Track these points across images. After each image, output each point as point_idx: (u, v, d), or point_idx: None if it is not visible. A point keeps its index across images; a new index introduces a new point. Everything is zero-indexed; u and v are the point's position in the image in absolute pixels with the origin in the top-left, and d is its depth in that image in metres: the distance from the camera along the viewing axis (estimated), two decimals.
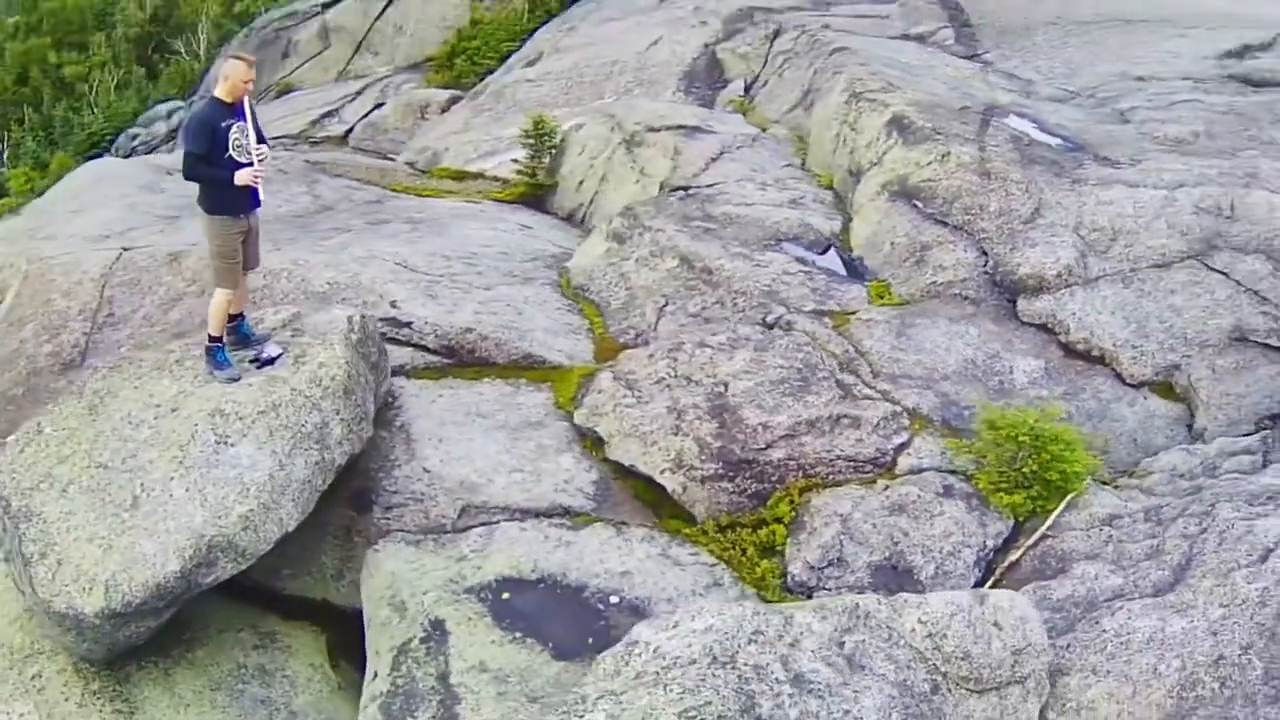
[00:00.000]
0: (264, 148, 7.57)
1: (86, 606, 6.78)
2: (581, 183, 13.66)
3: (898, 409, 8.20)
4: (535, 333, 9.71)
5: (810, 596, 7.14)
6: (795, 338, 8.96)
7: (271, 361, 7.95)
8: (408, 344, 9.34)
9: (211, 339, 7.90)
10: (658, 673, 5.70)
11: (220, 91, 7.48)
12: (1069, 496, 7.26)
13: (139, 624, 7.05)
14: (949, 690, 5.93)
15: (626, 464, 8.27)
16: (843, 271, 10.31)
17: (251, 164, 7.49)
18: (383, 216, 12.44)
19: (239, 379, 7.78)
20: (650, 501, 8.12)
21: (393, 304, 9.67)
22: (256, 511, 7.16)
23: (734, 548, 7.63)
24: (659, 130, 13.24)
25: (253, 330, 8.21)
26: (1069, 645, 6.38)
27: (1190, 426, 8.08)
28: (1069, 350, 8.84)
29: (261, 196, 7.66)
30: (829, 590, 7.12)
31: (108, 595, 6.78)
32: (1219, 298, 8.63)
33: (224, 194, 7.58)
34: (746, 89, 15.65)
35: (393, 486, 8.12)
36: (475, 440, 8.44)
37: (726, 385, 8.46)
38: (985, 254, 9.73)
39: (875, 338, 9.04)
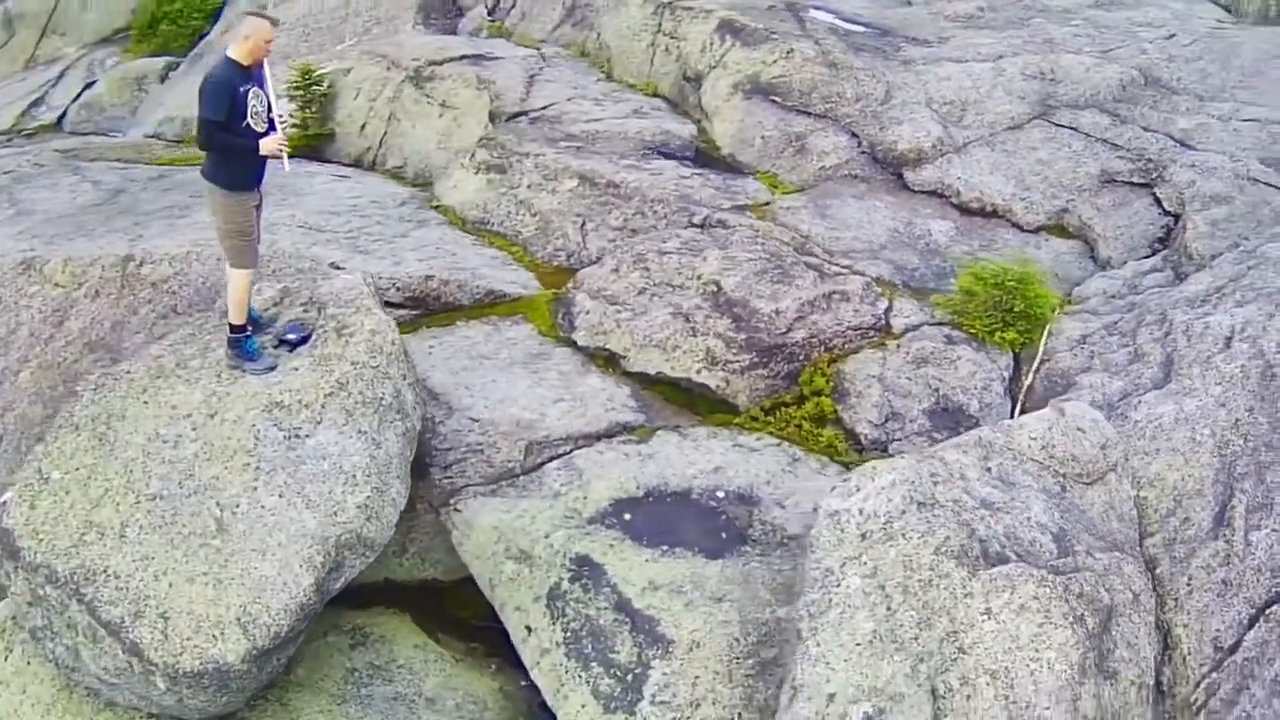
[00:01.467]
0: (282, 114, 7.15)
1: (229, 653, 6.29)
2: (364, 126, 13.35)
3: (867, 279, 9.28)
4: (481, 269, 9.76)
5: (886, 450, 8.12)
6: (742, 232, 9.73)
7: (304, 342, 7.59)
8: None
9: (235, 329, 7.36)
10: (884, 528, 6.47)
11: (238, 52, 6.91)
12: (1048, 327, 8.75)
13: (280, 654, 6.68)
14: (1071, 486, 7.20)
15: (653, 373, 8.74)
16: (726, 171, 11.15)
17: (268, 133, 7.06)
18: (198, 190, 11.57)
19: (275, 367, 7.38)
20: (684, 404, 8.65)
21: (333, 265, 9.30)
22: (372, 497, 6.94)
23: (789, 425, 8.39)
24: (443, 63, 13.20)
25: (261, 313, 7.76)
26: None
27: (1094, 258, 9.84)
28: (965, 209, 10.32)
29: (286, 167, 7.25)
30: (899, 441, 8.13)
31: (248, 633, 6.34)
32: (1076, 149, 10.47)
33: (243, 165, 7.08)
34: (490, 12, 15.78)
35: (444, 444, 8.05)
36: (500, 381, 8.52)
37: (718, 283, 9.08)
38: (856, 136, 10.96)
39: (806, 222, 10.01)
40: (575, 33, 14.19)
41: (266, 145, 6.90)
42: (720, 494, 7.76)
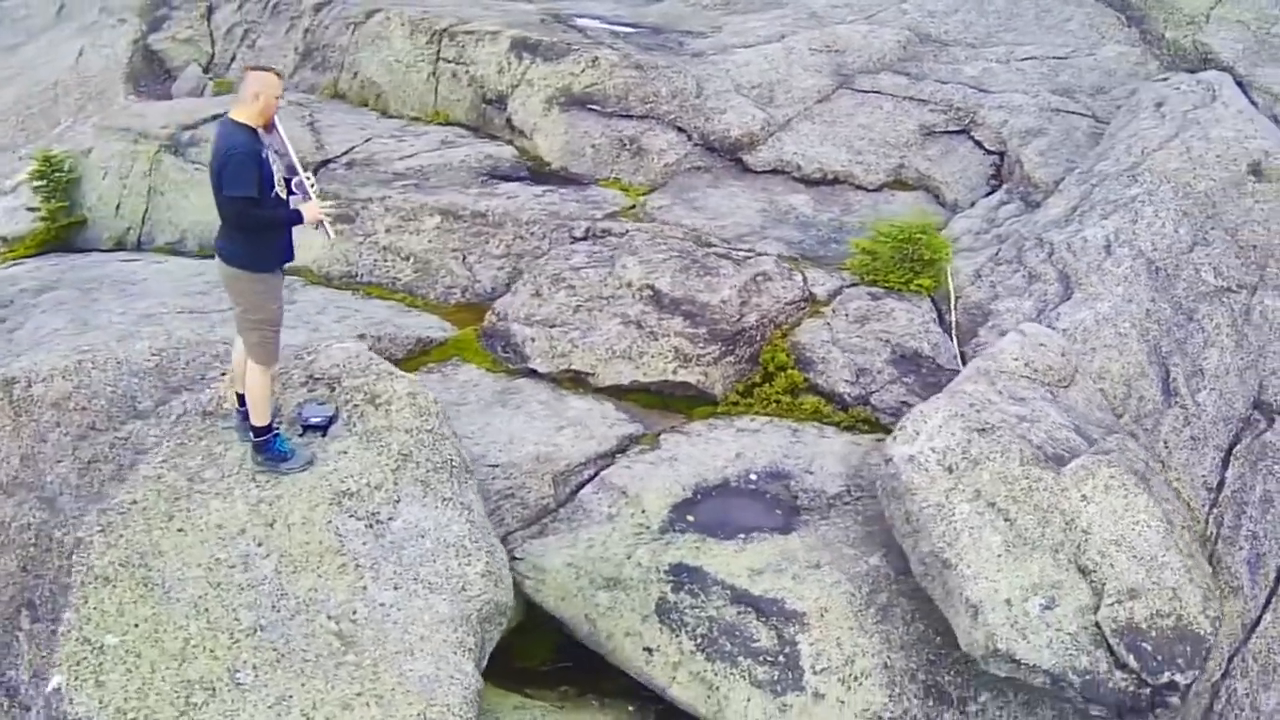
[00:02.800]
0: (310, 175, 6.77)
1: None
2: (119, 206, 12.42)
3: (774, 257, 10.04)
4: (394, 320, 9.54)
5: (869, 403, 8.91)
6: (638, 236, 10.14)
7: (332, 422, 7.21)
8: None
9: (260, 431, 6.84)
10: (964, 457, 7.22)
11: (248, 114, 6.43)
12: (948, 269, 9.91)
13: None
14: (1056, 391, 8.36)
15: (626, 383, 9.00)
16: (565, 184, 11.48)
17: (300, 198, 6.69)
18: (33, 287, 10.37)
19: (314, 460, 6.99)
20: (662, 406, 8.99)
21: None
22: (489, 562, 6.82)
23: (769, 403, 8.94)
24: (198, 126, 12.54)
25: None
26: None
27: (942, 203, 11.16)
28: (810, 181, 11.31)
29: (331, 234, 6.87)
30: (878, 392, 8.94)
31: None
32: (888, 110, 11.77)
33: (275, 243, 6.63)
34: (206, 70, 14.96)
35: None
36: (494, 423, 8.44)
37: (653, 287, 9.46)
38: (684, 130, 11.66)
39: (683, 217, 10.57)
40: (318, 75, 13.82)
41: (311, 212, 6.50)
42: (753, 476, 8.21)
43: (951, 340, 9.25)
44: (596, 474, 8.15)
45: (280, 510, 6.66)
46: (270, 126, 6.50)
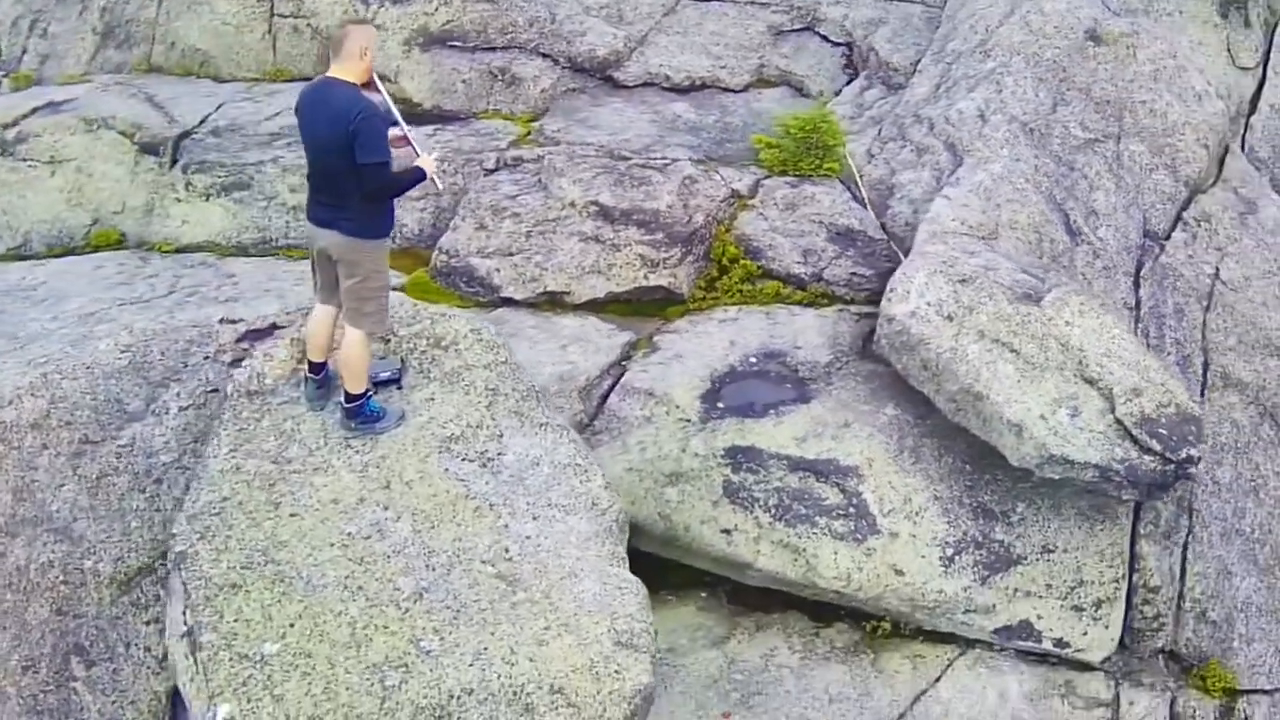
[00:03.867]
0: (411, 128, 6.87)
1: (641, 677, 6.01)
2: None
3: (689, 160, 10.57)
4: None
5: (822, 279, 9.67)
6: (555, 159, 10.39)
7: (401, 373, 7.21)
8: None
9: (356, 396, 6.74)
10: (958, 305, 8.16)
11: (356, 72, 6.29)
12: (845, 152, 10.78)
13: None
14: (989, 243, 9.40)
15: (602, 295, 9.38)
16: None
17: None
18: None
19: (405, 415, 6.96)
20: (635, 312, 9.46)
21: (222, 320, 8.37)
22: (602, 478, 7.05)
23: (732, 292, 9.55)
24: (16, 123, 11.48)
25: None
26: None
27: (808, 95, 11.95)
28: (681, 89, 11.86)
29: (440, 187, 7.52)
30: (829, 266, 9.68)
31: (638, 648, 6.09)
32: (734, 15, 12.38)
33: (391, 206, 6.60)
34: None
35: None
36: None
37: (598, 202, 9.79)
38: (549, 56, 11.92)
39: (587, 136, 10.91)
40: (124, 54, 12.99)
41: (428, 165, 6.47)
42: (753, 360, 8.84)
43: (870, 213, 10.14)
44: (615, 383, 8.49)
45: (392, 470, 6.62)
46: (371, 83, 6.38)
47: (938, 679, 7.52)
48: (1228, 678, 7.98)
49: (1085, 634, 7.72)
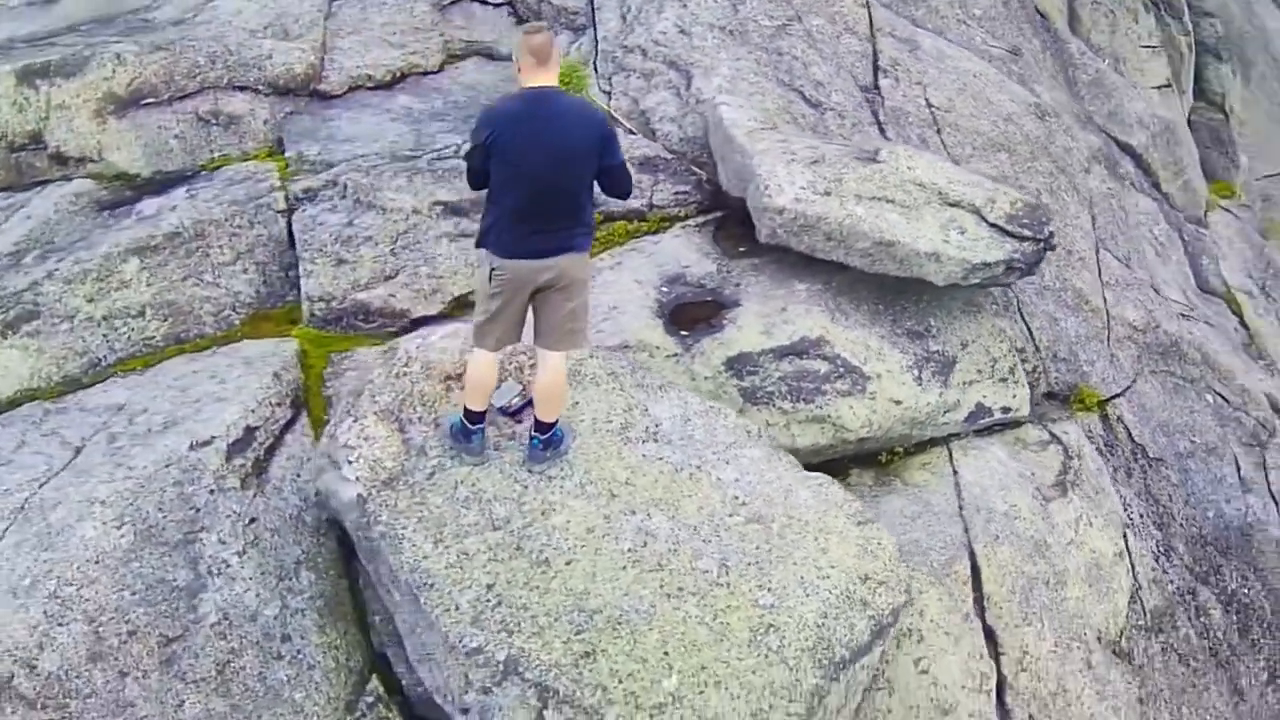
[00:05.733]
0: None
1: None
2: None
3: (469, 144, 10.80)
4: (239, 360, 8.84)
5: (654, 207, 10.55)
6: (353, 175, 10.20)
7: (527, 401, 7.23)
8: None
9: (553, 425, 6.86)
10: (829, 183, 9.62)
11: (556, 77, 6.35)
12: (591, 96, 11.53)
13: None
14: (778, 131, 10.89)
15: None
16: None
17: None
18: None
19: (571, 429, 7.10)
20: None
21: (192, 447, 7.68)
22: None
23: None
24: None
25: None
26: None
27: (496, 57, 12.39)
28: (386, 85, 11.84)
29: None
30: (653, 194, 10.58)
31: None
32: (392, 3, 12.48)
33: None
34: None
35: None
36: None
37: (440, 201, 9.89)
38: (247, 87, 11.37)
39: (347, 149, 10.69)
40: None
41: None
42: (664, 289, 9.67)
43: (648, 140, 11.16)
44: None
45: (603, 478, 6.85)
46: None
47: (955, 471, 9.00)
48: (1094, 395, 10.31)
49: (1014, 397, 9.62)
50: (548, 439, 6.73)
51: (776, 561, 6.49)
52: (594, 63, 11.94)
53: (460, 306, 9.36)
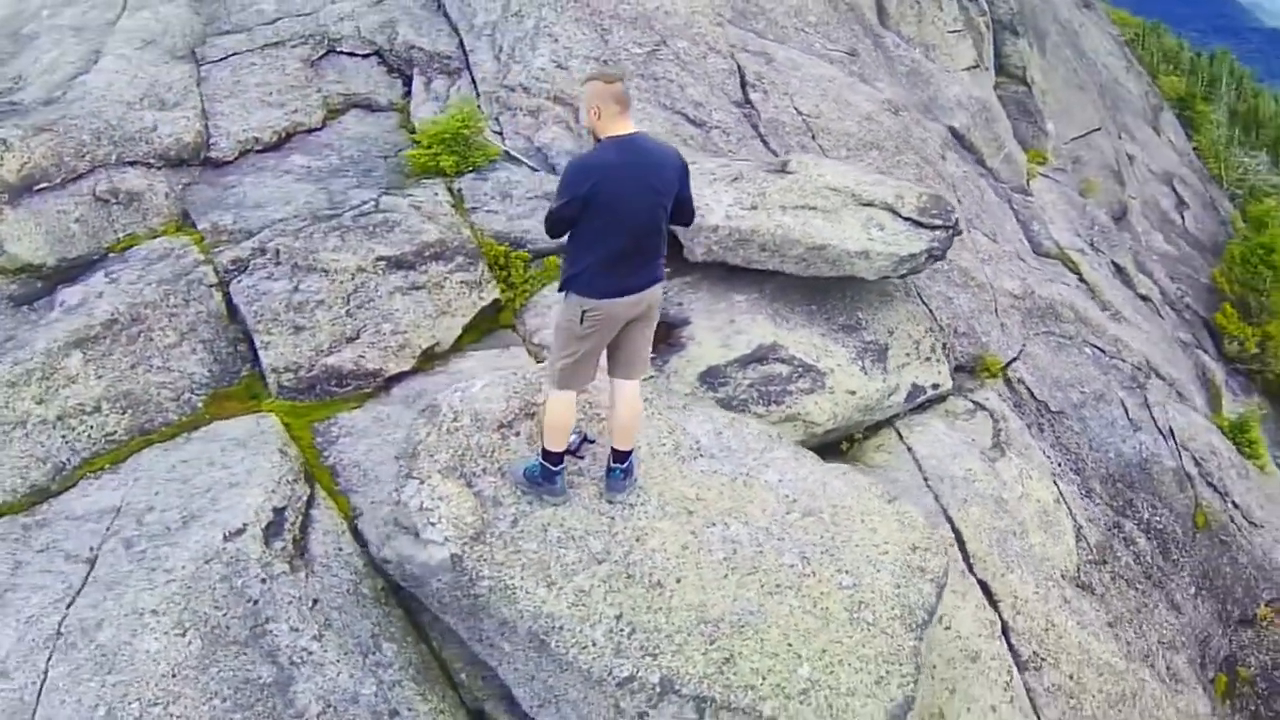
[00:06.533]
0: None
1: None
2: None
3: (386, 196, 10.87)
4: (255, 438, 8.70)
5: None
6: (282, 240, 10.12)
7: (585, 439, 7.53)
8: None
9: (630, 453, 7.15)
10: (750, 196, 10.25)
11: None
12: (486, 138, 11.73)
13: None
14: None
15: (461, 331, 9.76)
16: None
17: None
18: None
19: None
20: (484, 331, 10.02)
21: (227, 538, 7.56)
22: None
23: (529, 280, 10.51)
24: None
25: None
26: None
27: (376, 108, 12.39)
28: (275, 146, 11.71)
29: None
30: None
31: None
32: (262, 64, 12.32)
33: None
34: None
35: None
36: None
37: (382, 257, 9.93)
38: (138, 162, 11.05)
39: (261, 216, 10.57)
40: None
41: None
42: None
43: (544, 172, 11.52)
44: None
45: (676, 497, 7.24)
46: None
47: (909, 449, 9.81)
48: (996, 362, 11.35)
49: (940, 374, 10.52)
50: (627, 467, 7.00)
51: (841, 546, 7.03)
52: (480, 104, 12.13)
53: (428, 359, 9.47)
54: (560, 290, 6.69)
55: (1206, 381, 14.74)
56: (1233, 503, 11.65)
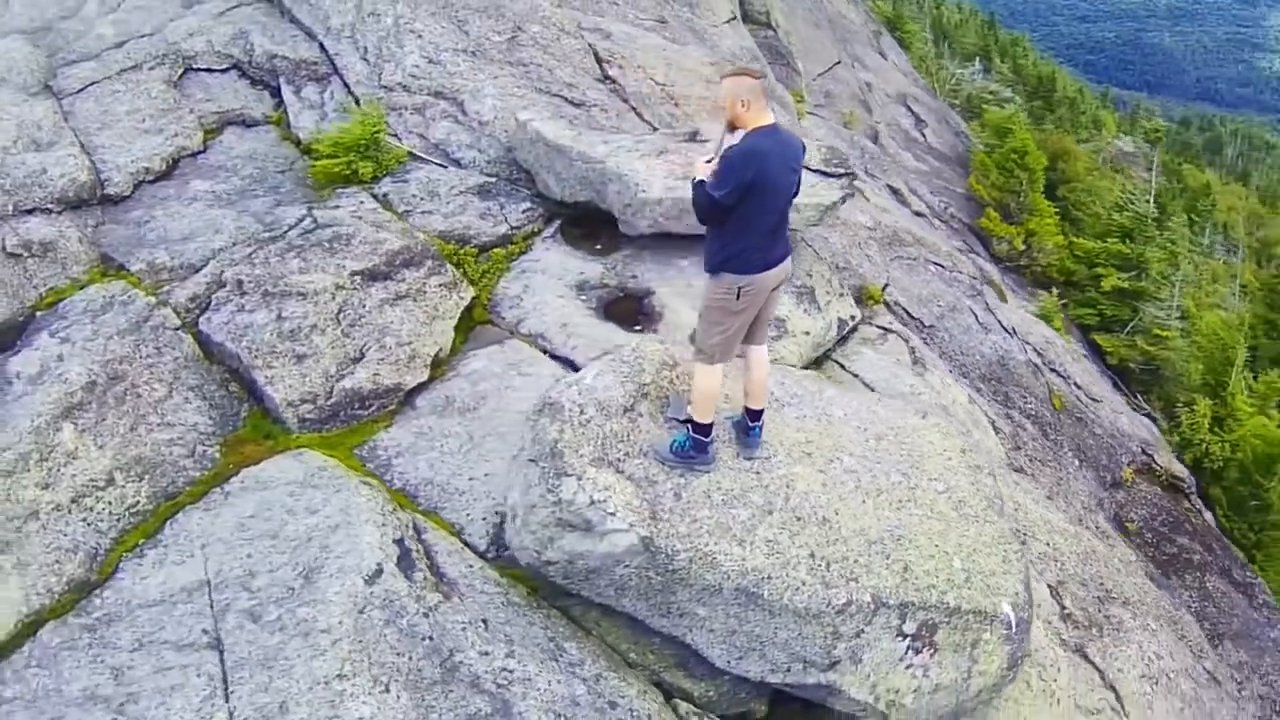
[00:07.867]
0: None
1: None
2: None
3: (311, 212, 10.47)
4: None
5: (514, 229, 11.00)
6: (235, 270, 9.66)
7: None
8: None
9: (761, 411, 7.53)
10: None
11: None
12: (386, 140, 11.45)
13: None
14: None
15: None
16: None
17: None
18: None
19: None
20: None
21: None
22: None
23: (491, 271, 10.55)
24: None
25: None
26: None
27: (254, 124, 11.72)
28: (166, 173, 10.97)
29: None
30: (512, 211, 11.01)
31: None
32: (125, 91, 11.41)
33: None
34: None
35: None
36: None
37: (355, 272, 9.73)
38: (36, 209, 10.08)
39: (192, 249, 10.01)
40: None
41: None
42: (590, 284, 10.38)
43: (463, 169, 11.53)
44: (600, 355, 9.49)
45: (790, 445, 7.71)
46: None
47: (854, 375, 10.79)
48: (876, 289, 12.55)
49: (850, 305, 11.65)
50: (760, 425, 7.45)
51: (919, 460, 7.94)
52: (393, 112, 11.83)
53: (437, 365, 9.35)
54: (711, 272, 6.95)
55: (988, 282, 16.69)
56: (1075, 384, 13.50)
